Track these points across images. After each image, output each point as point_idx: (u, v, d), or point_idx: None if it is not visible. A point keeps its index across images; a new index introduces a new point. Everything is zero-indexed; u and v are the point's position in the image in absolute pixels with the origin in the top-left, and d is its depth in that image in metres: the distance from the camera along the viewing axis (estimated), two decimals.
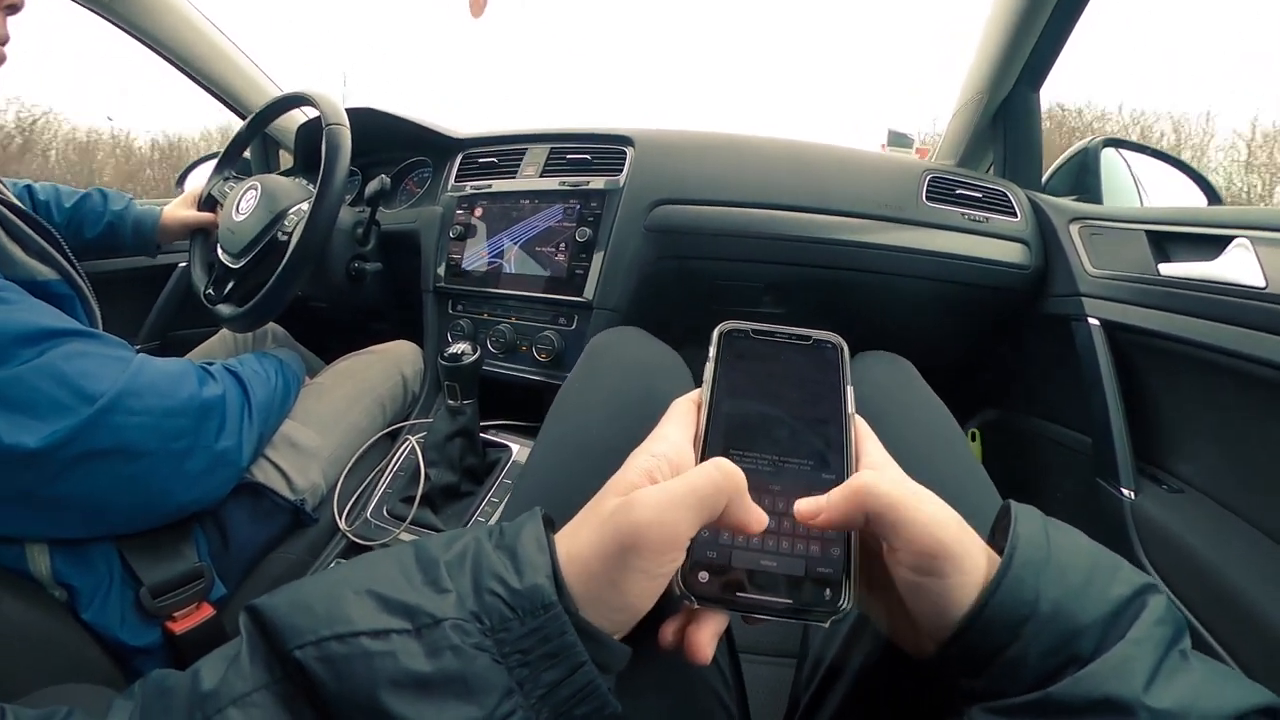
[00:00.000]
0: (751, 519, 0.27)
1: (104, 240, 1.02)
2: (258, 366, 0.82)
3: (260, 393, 0.77)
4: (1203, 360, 0.71)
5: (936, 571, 0.25)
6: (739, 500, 0.26)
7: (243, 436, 0.71)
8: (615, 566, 0.25)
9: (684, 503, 0.25)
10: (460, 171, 1.10)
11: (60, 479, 0.55)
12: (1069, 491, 0.95)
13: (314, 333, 1.25)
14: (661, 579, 0.26)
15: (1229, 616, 0.63)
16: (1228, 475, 0.72)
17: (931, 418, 0.53)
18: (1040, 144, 1.09)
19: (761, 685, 0.80)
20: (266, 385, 0.80)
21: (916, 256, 0.93)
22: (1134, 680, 0.22)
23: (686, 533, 0.25)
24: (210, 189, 1.06)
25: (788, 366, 0.33)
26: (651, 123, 1.04)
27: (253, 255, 0.97)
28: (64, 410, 0.53)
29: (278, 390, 0.82)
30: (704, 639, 0.27)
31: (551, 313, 0.98)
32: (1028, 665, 0.24)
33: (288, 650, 0.23)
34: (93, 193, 1.02)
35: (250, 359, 0.83)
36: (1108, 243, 0.89)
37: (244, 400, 0.73)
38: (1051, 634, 0.24)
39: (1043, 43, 0.99)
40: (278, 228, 0.96)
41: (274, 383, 0.82)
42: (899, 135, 1.30)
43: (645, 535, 0.25)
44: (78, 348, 0.55)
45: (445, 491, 0.85)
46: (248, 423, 0.72)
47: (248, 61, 1.36)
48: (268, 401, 0.78)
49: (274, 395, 0.81)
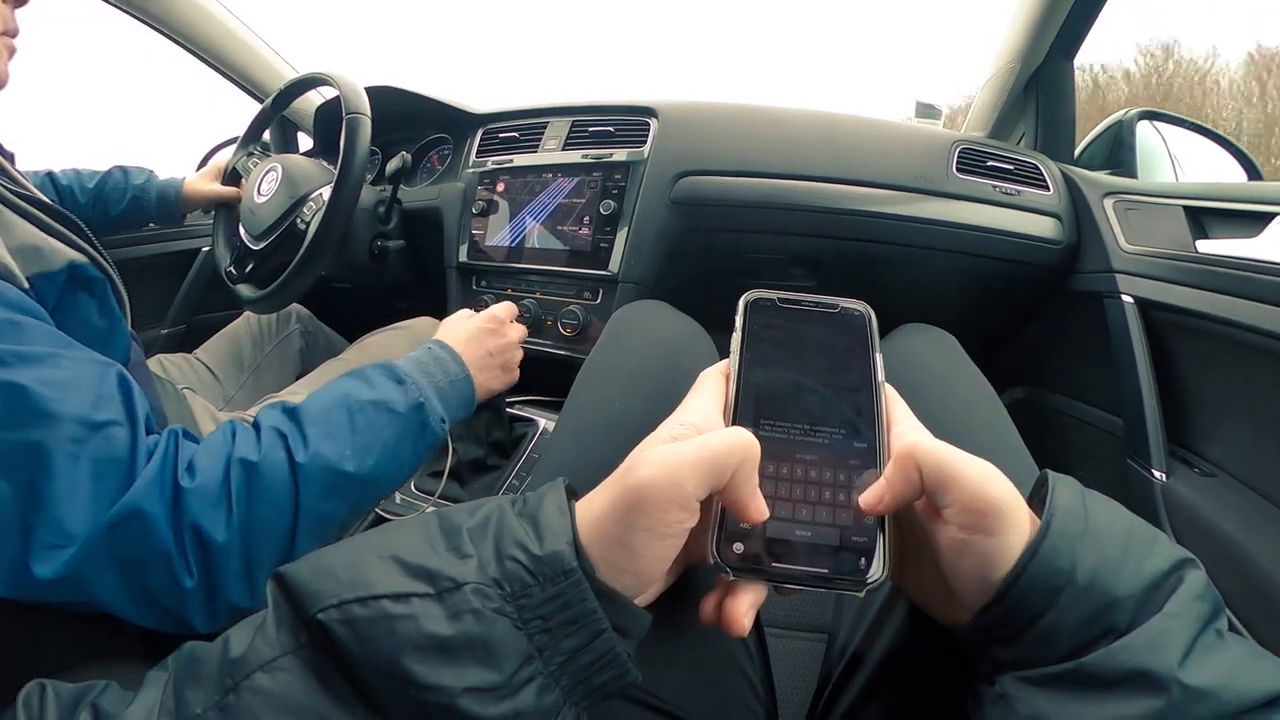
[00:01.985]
0: (752, 505, 0.26)
1: (130, 214, 1.04)
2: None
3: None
4: (1240, 342, 0.69)
5: (986, 529, 0.25)
6: (747, 473, 0.26)
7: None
8: (624, 525, 0.25)
9: (693, 461, 0.25)
10: (481, 147, 1.10)
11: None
12: (1097, 472, 0.93)
13: (338, 311, 1.26)
14: (671, 540, 0.25)
15: (1260, 603, 0.62)
16: (1263, 461, 0.70)
17: (972, 391, 0.52)
18: (1074, 116, 1.07)
19: (787, 660, 0.81)
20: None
21: (945, 229, 0.92)
22: (1169, 655, 0.22)
23: (693, 492, 0.25)
24: (235, 163, 1.06)
25: (815, 335, 0.33)
26: (675, 94, 1.02)
27: (273, 239, 0.98)
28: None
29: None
30: (741, 610, 0.27)
31: (576, 287, 0.97)
32: (1062, 635, 0.24)
33: (311, 614, 0.23)
34: (114, 170, 1.04)
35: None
36: (1143, 218, 0.87)
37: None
38: (1087, 604, 0.24)
39: (1077, 9, 0.96)
40: (297, 214, 0.97)
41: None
42: (927, 106, 1.27)
43: (650, 492, 0.24)
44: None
45: (472, 466, 0.86)
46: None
47: (264, 45, 1.36)
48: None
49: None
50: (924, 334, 0.60)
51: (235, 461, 0.44)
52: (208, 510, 0.41)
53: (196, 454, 0.43)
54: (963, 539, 0.26)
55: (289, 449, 0.46)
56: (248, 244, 1.01)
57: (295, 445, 0.46)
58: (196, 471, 0.42)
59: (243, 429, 0.47)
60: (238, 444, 0.45)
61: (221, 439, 0.45)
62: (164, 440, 0.43)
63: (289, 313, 1.18)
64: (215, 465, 0.43)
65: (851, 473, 0.28)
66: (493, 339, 0.67)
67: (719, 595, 0.28)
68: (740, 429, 0.27)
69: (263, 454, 0.45)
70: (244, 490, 0.43)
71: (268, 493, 0.44)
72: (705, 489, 0.25)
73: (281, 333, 1.16)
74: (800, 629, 0.83)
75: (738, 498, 0.26)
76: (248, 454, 0.44)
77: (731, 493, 0.26)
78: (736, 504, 0.26)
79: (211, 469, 0.43)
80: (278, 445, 0.46)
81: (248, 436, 0.46)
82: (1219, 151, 1.10)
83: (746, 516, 0.26)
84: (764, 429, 0.29)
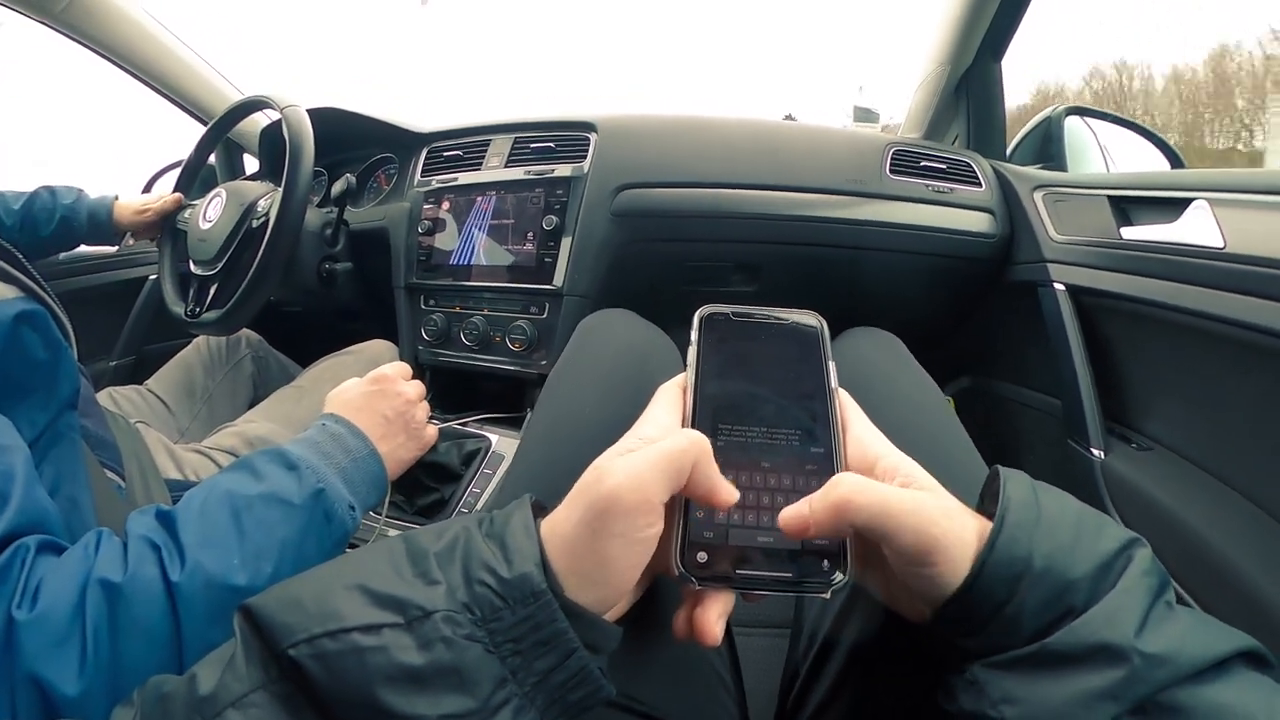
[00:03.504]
0: (720, 489, 0.27)
1: (60, 235, 1.01)
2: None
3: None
4: (1166, 321, 0.72)
5: (926, 564, 0.26)
6: (706, 466, 0.27)
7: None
8: (595, 534, 0.25)
9: (654, 465, 0.26)
10: (426, 166, 1.10)
11: None
12: (1042, 454, 0.96)
13: (290, 336, 1.25)
14: (641, 545, 0.26)
15: (1198, 568, 0.64)
16: (1193, 432, 0.73)
17: (916, 390, 0.54)
18: (1003, 114, 1.10)
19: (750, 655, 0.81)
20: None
21: (882, 229, 0.94)
22: (1126, 627, 0.23)
23: (658, 494, 0.25)
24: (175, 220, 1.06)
25: (769, 346, 0.34)
26: (616, 109, 1.03)
27: (229, 255, 0.96)
28: None
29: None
30: (711, 620, 0.27)
31: (523, 302, 0.97)
32: (1025, 619, 0.25)
33: (281, 649, 0.23)
34: (40, 191, 1.01)
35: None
36: (1071, 209, 0.90)
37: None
38: (1046, 588, 0.25)
39: (1002, 13, 1.00)
40: (250, 217, 0.95)
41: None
42: (865, 111, 1.30)
43: (619, 498, 0.25)
44: None
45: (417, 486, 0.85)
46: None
47: (207, 67, 1.35)
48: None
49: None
50: (870, 337, 0.61)
51: (94, 583, 0.34)
52: (50, 652, 0.31)
53: (47, 575, 0.34)
54: (907, 569, 0.27)
55: (163, 564, 0.37)
56: (201, 274, 0.99)
57: (170, 559, 0.37)
58: (41, 596, 0.33)
59: (109, 540, 0.38)
60: (99, 560, 0.36)
61: (81, 554, 0.36)
62: (7, 554, 0.33)
63: (239, 338, 1.15)
64: (67, 589, 0.33)
65: (809, 478, 0.29)
66: (385, 401, 0.58)
67: (688, 608, 0.28)
68: (689, 430, 0.27)
69: (130, 572, 0.35)
70: (105, 622, 0.33)
71: (138, 623, 0.34)
72: (668, 490, 0.26)
73: (233, 358, 1.14)
74: (761, 625, 0.84)
75: (704, 489, 0.27)
76: (109, 573, 0.35)
77: (696, 487, 0.27)
78: (704, 495, 0.27)
79: (61, 593, 0.33)
80: (149, 560, 0.36)
81: (113, 550, 0.37)
82: (1143, 142, 1.13)
83: (716, 501, 0.27)
84: (721, 439, 0.30)
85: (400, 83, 24.27)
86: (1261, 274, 0.59)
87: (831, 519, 0.26)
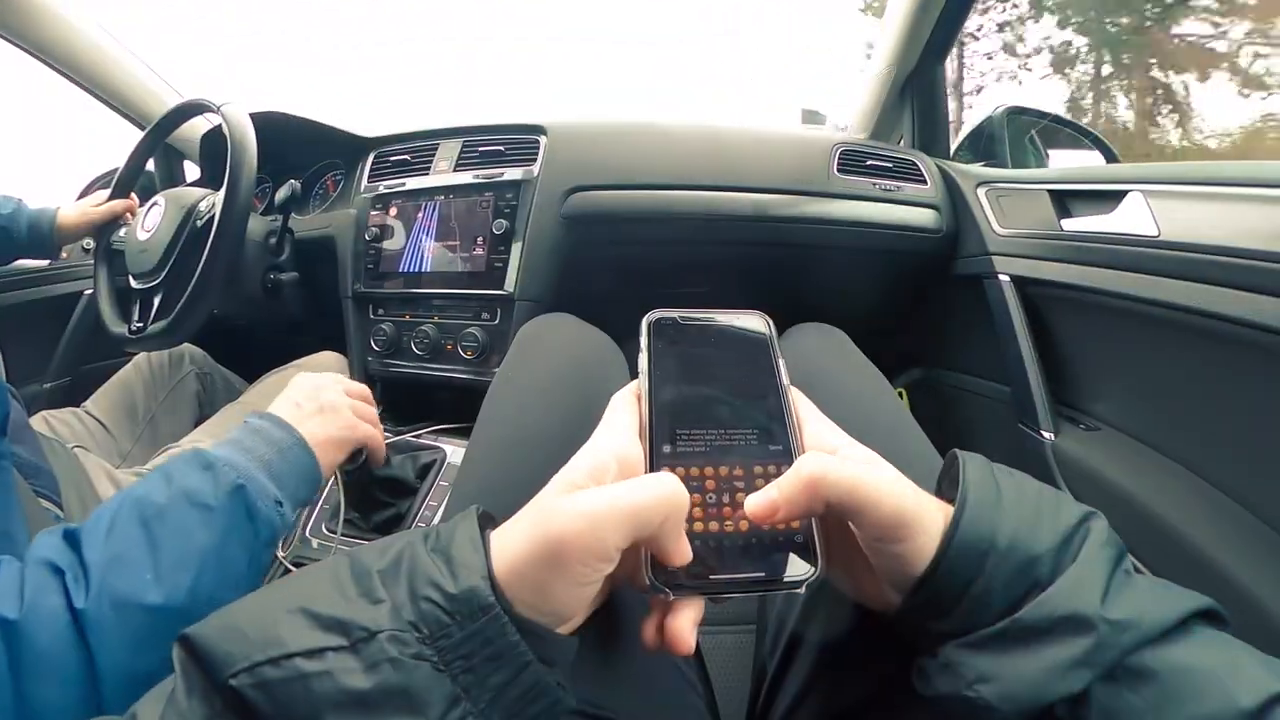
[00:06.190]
0: (678, 549, 0.26)
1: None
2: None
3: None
4: (1106, 307, 0.74)
5: (900, 539, 0.26)
6: (674, 524, 0.25)
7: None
8: (543, 572, 0.24)
9: (617, 515, 0.24)
10: (373, 172, 1.08)
11: None
12: (995, 439, 0.98)
13: (235, 352, 1.20)
14: (589, 587, 0.25)
15: (1149, 537, 0.66)
16: (1137, 411, 0.76)
17: (865, 380, 0.55)
18: (947, 114, 1.13)
19: (717, 654, 0.81)
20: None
21: (830, 227, 0.95)
22: (1091, 596, 0.24)
23: (615, 545, 0.24)
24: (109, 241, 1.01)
25: (719, 347, 0.34)
26: (566, 112, 1.03)
27: (172, 262, 0.92)
28: None
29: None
30: (685, 629, 0.26)
31: (474, 309, 0.96)
32: (993, 597, 0.25)
33: (223, 680, 0.22)
34: None
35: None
36: (1013, 203, 0.93)
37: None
38: (1011, 564, 0.25)
39: (945, 15, 1.02)
40: (193, 218, 0.92)
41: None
42: (812, 113, 1.32)
43: (570, 546, 0.24)
44: None
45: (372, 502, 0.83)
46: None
47: (145, 69, 1.29)
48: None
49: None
50: (816, 332, 0.62)
51: None
52: None
53: None
54: (879, 547, 0.27)
55: (67, 590, 0.33)
56: (139, 287, 0.94)
57: (75, 583, 0.33)
58: None
59: (6, 569, 0.33)
60: None
61: None
62: None
63: (181, 355, 1.11)
64: None
65: (770, 476, 0.29)
66: (297, 390, 0.54)
67: (658, 618, 0.27)
68: (668, 476, 0.26)
69: (27, 605, 0.31)
70: (4, 666, 0.30)
71: (43, 661, 0.31)
72: (628, 541, 0.24)
73: (175, 376, 1.09)
74: (727, 624, 0.83)
75: (662, 546, 0.25)
76: (3, 609, 0.31)
77: (657, 542, 0.25)
78: (660, 552, 0.26)
79: None
80: (49, 587, 0.33)
81: (8, 581, 0.32)
82: (1079, 139, 1.18)
83: (669, 561, 0.26)
84: (681, 443, 0.29)
85: (343, 90, 23.91)
86: (1193, 259, 0.62)
87: (804, 497, 0.26)
